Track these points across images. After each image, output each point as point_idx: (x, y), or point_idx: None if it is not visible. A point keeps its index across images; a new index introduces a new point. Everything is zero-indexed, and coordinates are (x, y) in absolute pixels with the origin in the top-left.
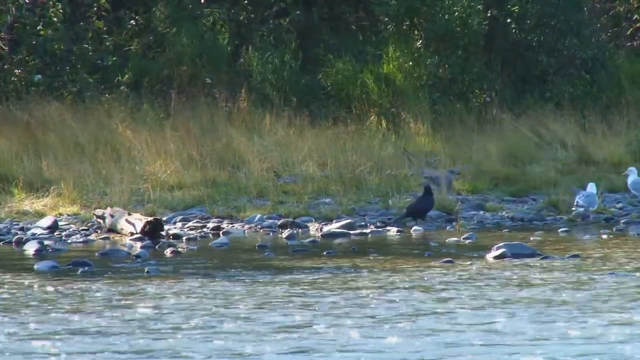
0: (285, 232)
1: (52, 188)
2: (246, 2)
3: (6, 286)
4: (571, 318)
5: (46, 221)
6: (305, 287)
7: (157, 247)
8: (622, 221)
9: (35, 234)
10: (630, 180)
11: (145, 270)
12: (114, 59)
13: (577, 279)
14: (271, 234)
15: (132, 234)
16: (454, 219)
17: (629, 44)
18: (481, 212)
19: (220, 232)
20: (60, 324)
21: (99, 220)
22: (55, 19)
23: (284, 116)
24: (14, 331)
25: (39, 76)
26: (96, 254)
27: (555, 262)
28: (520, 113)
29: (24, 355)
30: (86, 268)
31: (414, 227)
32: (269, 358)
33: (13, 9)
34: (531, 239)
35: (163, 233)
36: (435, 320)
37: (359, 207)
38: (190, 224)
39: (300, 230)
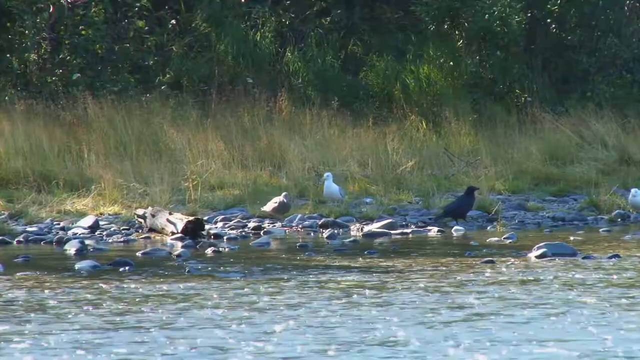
0: (326, 232)
1: (93, 187)
2: (288, 2)
3: (47, 286)
4: (610, 318)
5: (87, 221)
6: (348, 287)
7: (198, 246)
8: None
9: (76, 233)
10: (326, 186)
11: (186, 270)
12: (155, 58)
13: (617, 279)
14: (312, 234)
15: (173, 233)
16: (495, 218)
17: None
18: (522, 212)
19: (261, 232)
20: (101, 323)
21: (140, 219)
22: (96, 19)
23: (325, 116)
24: (56, 330)
25: (78, 75)
26: (137, 254)
27: (596, 261)
28: (561, 113)
29: (66, 353)
30: (127, 268)
31: (455, 227)
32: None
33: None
34: (572, 238)
35: (204, 233)
36: (476, 319)
37: (400, 207)
38: (231, 223)
39: (341, 230)
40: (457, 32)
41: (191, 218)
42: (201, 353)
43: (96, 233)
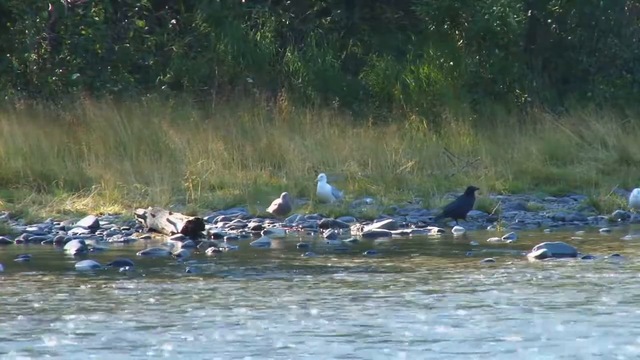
0: (326, 232)
1: (93, 187)
2: (288, 2)
3: (47, 286)
4: (612, 318)
5: (87, 220)
6: (348, 286)
7: (198, 246)
8: None
9: (77, 233)
10: (319, 186)
11: (187, 270)
12: (155, 58)
13: (618, 279)
14: (312, 234)
15: (173, 233)
16: (495, 218)
17: None
18: (522, 212)
19: (261, 232)
20: (100, 323)
21: (140, 219)
22: (96, 19)
23: (325, 116)
24: (55, 330)
25: (78, 74)
26: (137, 254)
27: (596, 261)
28: (561, 113)
29: (66, 354)
30: (127, 267)
31: (455, 227)
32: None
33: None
34: (572, 238)
35: (204, 233)
36: (475, 320)
37: (400, 207)
38: (231, 223)
39: (341, 229)
40: (457, 32)
41: (191, 218)
42: (201, 353)
43: (96, 233)
